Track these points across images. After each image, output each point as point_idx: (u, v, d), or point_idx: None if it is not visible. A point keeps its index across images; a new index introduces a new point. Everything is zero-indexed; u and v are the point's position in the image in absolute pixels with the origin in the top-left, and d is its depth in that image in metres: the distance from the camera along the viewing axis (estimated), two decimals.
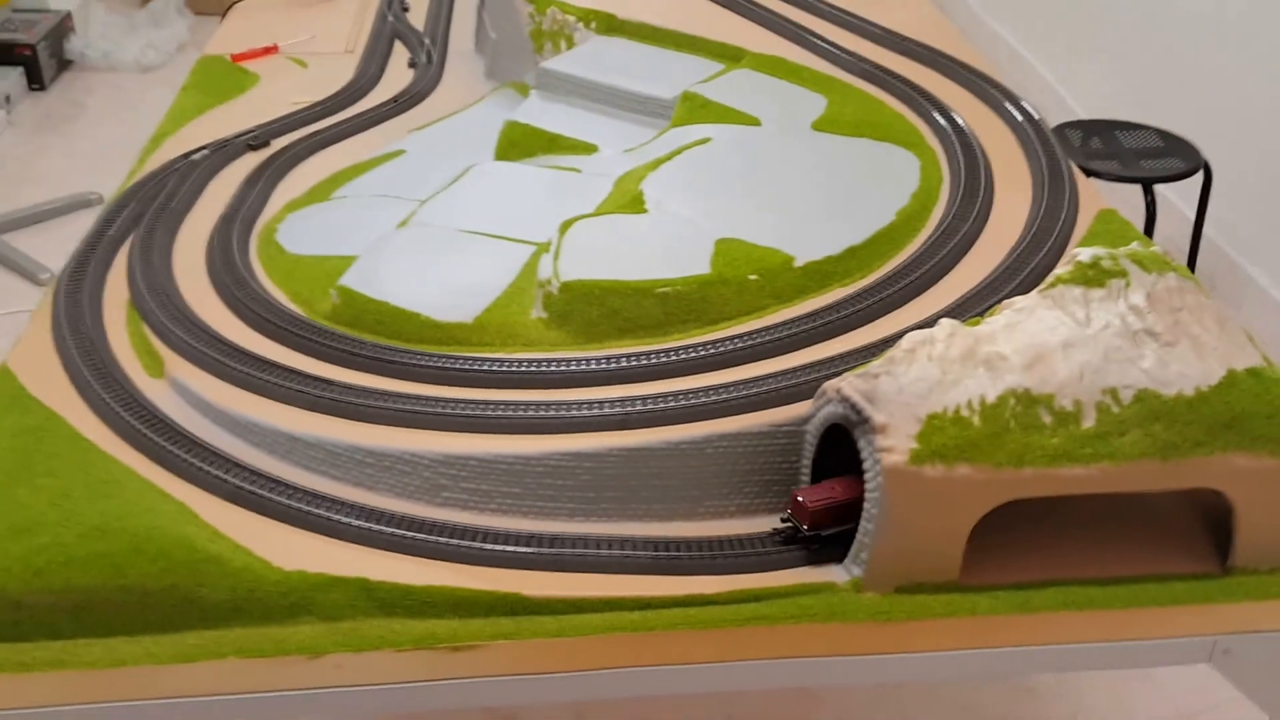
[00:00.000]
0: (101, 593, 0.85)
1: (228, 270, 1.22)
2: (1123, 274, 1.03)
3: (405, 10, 2.05)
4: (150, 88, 3.95)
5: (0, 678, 0.84)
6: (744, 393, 1.02)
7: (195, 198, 1.37)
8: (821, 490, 0.97)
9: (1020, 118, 1.56)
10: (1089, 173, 2.07)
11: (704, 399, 1.02)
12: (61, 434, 0.98)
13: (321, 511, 0.95)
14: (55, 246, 3.05)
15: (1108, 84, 3.02)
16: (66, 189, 3.29)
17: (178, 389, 1.07)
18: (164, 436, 0.99)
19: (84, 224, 3.18)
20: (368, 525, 0.94)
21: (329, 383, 1.05)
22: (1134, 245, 1.06)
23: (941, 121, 1.53)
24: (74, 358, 1.08)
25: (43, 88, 3.80)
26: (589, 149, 1.56)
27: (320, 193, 1.44)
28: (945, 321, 1.01)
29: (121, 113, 3.77)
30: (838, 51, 1.70)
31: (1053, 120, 1.99)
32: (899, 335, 1.10)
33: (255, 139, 1.52)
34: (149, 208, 1.34)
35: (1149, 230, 2.14)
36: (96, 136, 3.62)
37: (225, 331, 1.12)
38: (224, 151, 1.48)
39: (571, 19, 1.77)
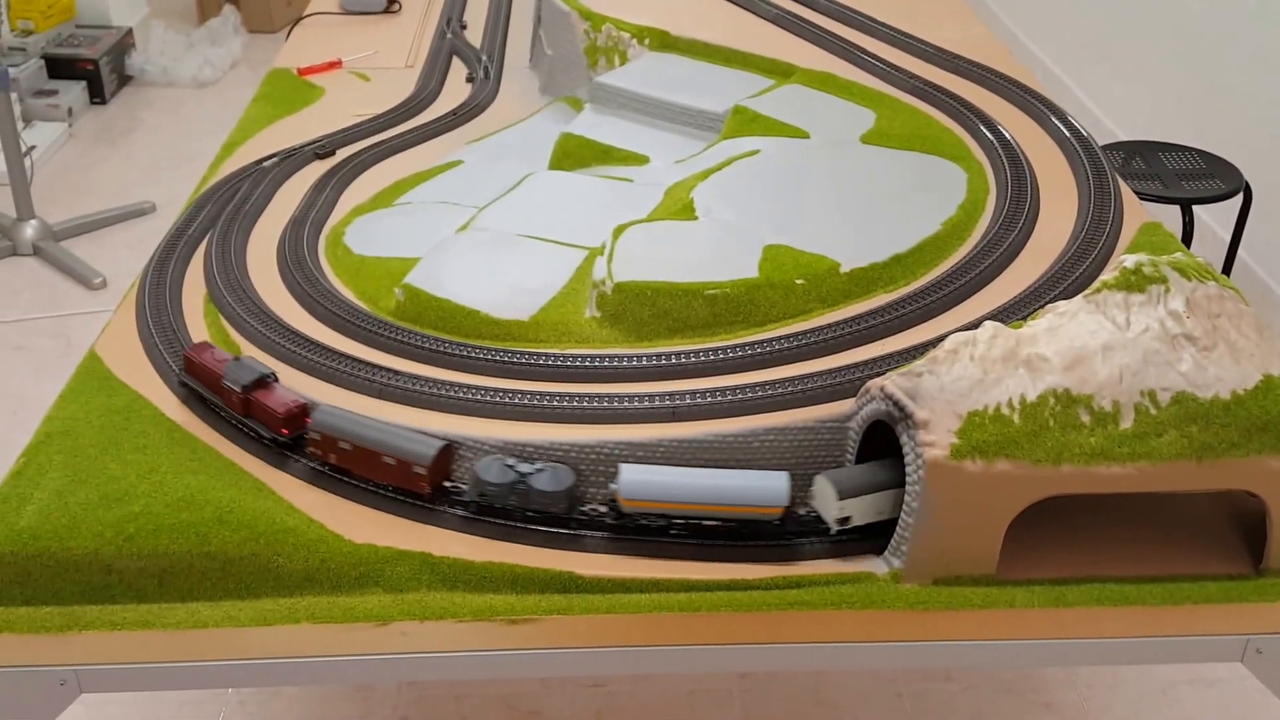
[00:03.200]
0: (186, 559, 0.94)
1: (298, 268, 1.31)
2: (1163, 280, 1.08)
3: (463, 28, 2.16)
4: (205, 102, 4.12)
5: (92, 636, 0.93)
6: (789, 389, 1.09)
7: (267, 202, 1.48)
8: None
9: (1067, 133, 1.62)
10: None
11: (751, 395, 1.09)
12: (147, 414, 1.07)
13: (388, 491, 1.03)
14: (110, 253, 3.20)
15: (1147, 106, 3.06)
16: (122, 199, 3.45)
17: None
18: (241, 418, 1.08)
19: (138, 232, 3.33)
20: (431, 504, 1.02)
21: (394, 372, 1.13)
22: (1177, 254, 1.11)
23: (989, 136, 1.59)
24: (156, 345, 1.18)
25: (103, 101, 3.98)
26: (641, 160, 1.64)
27: (384, 199, 1.53)
28: (988, 323, 1.07)
29: (177, 126, 3.94)
30: (887, 68, 1.77)
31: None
32: (941, 338, 1.17)
33: (322, 148, 1.62)
34: (224, 210, 1.44)
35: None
36: (153, 149, 3.79)
37: (296, 324, 1.22)
38: (293, 159, 1.59)
39: (626, 35, 1.86)
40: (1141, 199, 2.13)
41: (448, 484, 1.03)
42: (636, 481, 0.99)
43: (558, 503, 1.01)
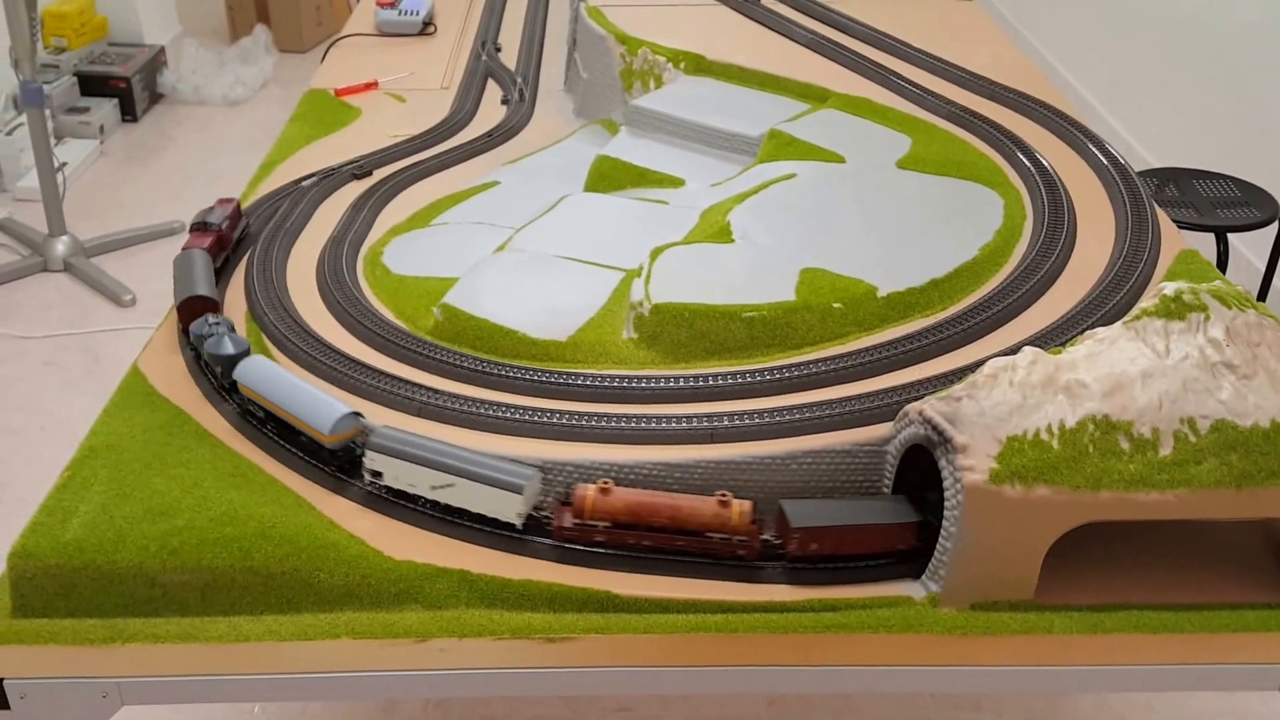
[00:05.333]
0: (229, 573, 0.97)
1: (338, 287, 1.35)
2: (1203, 308, 1.10)
3: (498, 50, 2.21)
4: (235, 121, 4.20)
5: (136, 648, 0.96)
6: (827, 413, 1.11)
7: (306, 221, 1.52)
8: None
9: (1104, 159, 1.64)
10: None
11: (788, 417, 1.11)
12: (189, 430, 1.11)
13: (427, 508, 1.05)
14: (139, 271, 3.27)
15: (1181, 132, 3.08)
16: (152, 216, 3.52)
17: None
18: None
19: (168, 251, 3.40)
20: (470, 521, 1.05)
21: (433, 391, 1.16)
22: (1216, 282, 1.13)
23: (1025, 162, 1.61)
24: (198, 362, 1.21)
25: (135, 119, 4.06)
26: (676, 183, 1.67)
27: (421, 219, 1.57)
28: (1027, 349, 1.09)
29: (208, 144, 4.02)
30: (922, 93, 1.80)
31: None
32: (979, 364, 1.19)
33: (359, 168, 1.67)
34: (264, 229, 1.48)
35: None
36: (183, 167, 3.87)
37: (336, 342, 1.25)
38: (331, 179, 1.63)
39: (662, 59, 1.90)
40: (1178, 227, 2.14)
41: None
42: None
43: None
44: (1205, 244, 2.38)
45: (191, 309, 1.27)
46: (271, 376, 1.12)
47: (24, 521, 2.54)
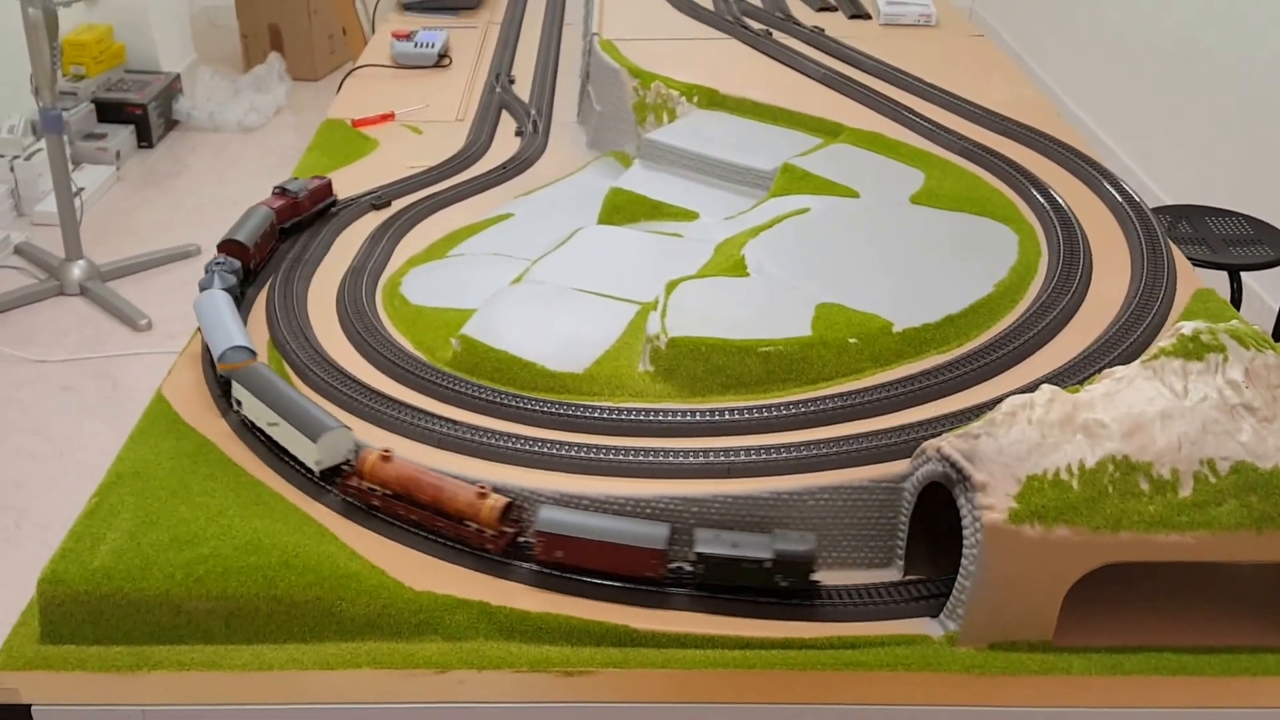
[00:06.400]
0: (253, 601, 0.96)
1: (358, 317, 1.35)
2: (1221, 349, 1.10)
3: (511, 82, 2.22)
4: (249, 148, 4.24)
5: (160, 676, 0.96)
6: (844, 449, 1.11)
7: (325, 251, 1.52)
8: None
9: (1119, 197, 1.64)
10: None
11: (806, 453, 1.10)
12: (214, 458, 1.11)
13: (448, 539, 1.05)
14: (155, 295, 3.28)
15: (1193, 170, 3.08)
16: (167, 241, 3.54)
17: None
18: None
19: (183, 274, 3.41)
20: (488, 554, 1.04)
21: (452, 422, 1.16)
22: (1233, 322, 1.13)
23: (1040, 199, 1.62)
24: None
25: (150, 145, 4.10)
26: (690, 216, 1.68)
27: (438, 250, 1.58)
28: (1045, 387, 1.09)
29: (222, 170, 4.05)
30: (935, 128, 1.81)
31: None
32: (995, 401, 1.18)
33: (378, 199, 1.67)
34: (285, 258, 1.48)
35: None
36: (198, 193, 3.89)
37: (357, 372, 1.25)
38: (349, 210, 1.64)
39: (675, 93, 1.91)
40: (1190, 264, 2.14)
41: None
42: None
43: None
44: (1218, 282, 2.38)
45: (226, 250, 1.41)
46: (208, 310, 1.27)
47: (45, 547, 2.55)
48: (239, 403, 1.16)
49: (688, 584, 1.03)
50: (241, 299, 1.40)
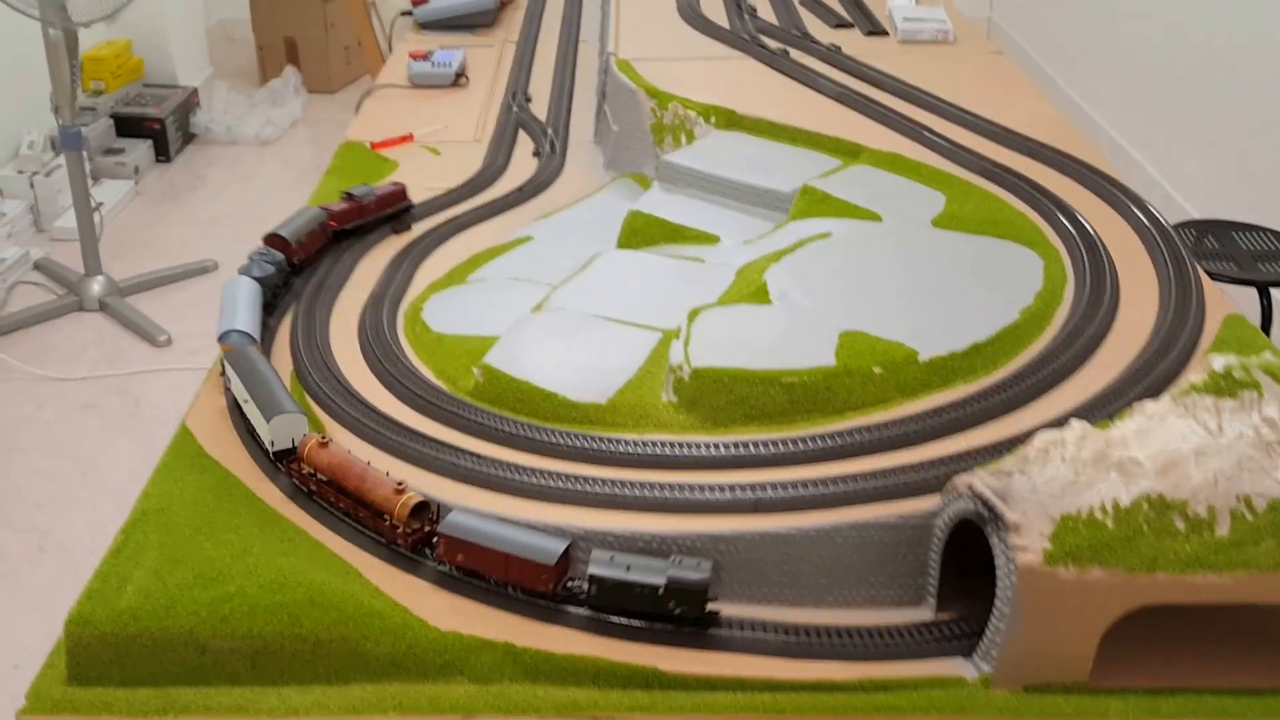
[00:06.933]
0: (279, 641, 0.94)
1: (379, 346, 1.33)
2: (1255, 385, 1.07)
3: (528, 100, 2.20)
4: (266, 161, 4.23)
5: None
6: (874, 483, 1.08)
7: (347, 276, 1.50)
8: None
9: (1144, 219, 1.61)
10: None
11: (834, 488, 1.08)
12: (238, 493, 1.09)
13: (472, 577, 1.03)
14: (173, 310, 3.27)
15: (1220, 182, 3.04)
16: (186, 255, 3.53)
17: None
18: (328, 500, 1.09)
19: (201, 289, 3.40)
20: (514, 592, 1.02)
21: (477, 456, 1.14)
22: (1266, 355, 1.10)
23: (1064, 221, 1.59)
24: (245, 423, 1.20)
25: (168, 159, 4.09)
26: (710, 239, 1.65)
27: (458, 275, 1.56)
28: (1076, 423, 1.06)
29: (239, 184, 4.04)
30: (956, 149, 1.78)
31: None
32: (1025, 434, 1.16)
33: (399, 223, 1.65)
34: (306, 285, 1.47)
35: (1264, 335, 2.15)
36: (215, 206, 3.88)
37: (379, 403, 1.23)
38: (371, 235, 1.62)
39: (692, 114, 1.89)
40: (1214, 279, 2.10)
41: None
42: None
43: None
44: (1247, 299, 2.33)
45: (269, 243, 1.48)
46: (229, 294, 1.33)
47: (69, 569, 2.53)
48: (226, 380, 1.24)
49: (583, 604, 1.02)
50: (280, 291, 1.46)
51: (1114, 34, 3.71)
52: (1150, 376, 1.25)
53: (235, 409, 1.20)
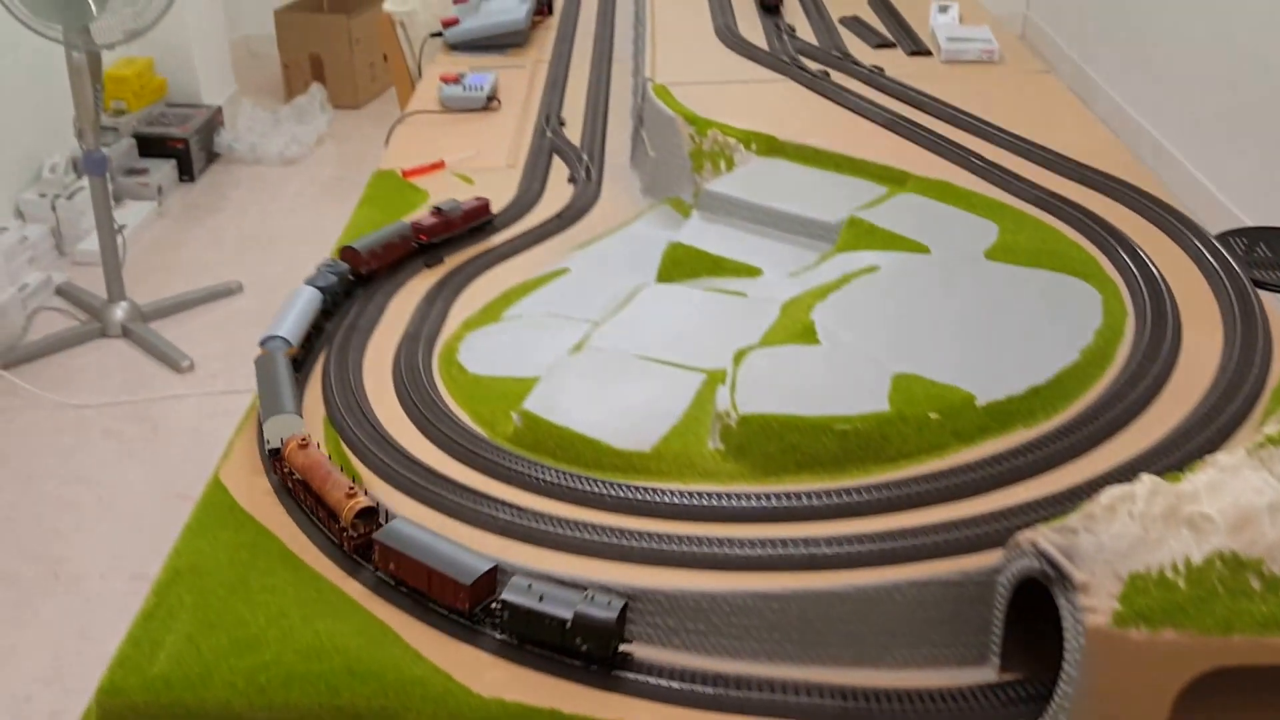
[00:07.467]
0: (316, 712, 0.94)
1: (415, 389, 1.33)
2: None
3: (562, 124, 2.21)
4: (290, 180, 4.27)
5: None
6: (935, 538, 1.07)
7: (379, 315, 1.51)
8: None
9: (1203, 248, 1.59)
10: (1257, 284, 2.06)
11: (893, 543, 1.07)
12: (273, 550, 1.09)
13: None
14: (197, 334, 3.30)
15: (1272, 187, 2.99)
16: (209, 277, 3.56)
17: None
18: (365, 557, 1.09)
19: (224, 312, 3.44)
20: (559, 655, 1.01)
21: (517, 508, 1.14)
22: None
23: (1121, 252, 1.57)
24: (279, 473, 1.20)
25: (192, 179, 4.14)
26: (753, 272, 1.65)
27: (494, 310, 1.56)
28: (1146, 477, 1.04)
29: (263, 203, 4.08)
30: (1006, 176, 1.77)
31: (1213, 227, 2.00)
32: (1089, 483, 1.14)
33: (432, 257, 1.66)
34: (340, 325, 1.47)
35: None
36: (240, 227, 3.92)
37: (415, 450, 1.23)
38: (404, 269, 1.62)
39: (733, 141, 1.89)
40: (1263, 288, 2.07)
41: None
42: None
43: None
44: None
45: (342, 255, 1.58)
46: (287, 301, 1.43)
47: (81, 598, 2.55)
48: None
49: (497, 628, 1.04)
50: (341, 300, 1.54)
51: (1156, 33, 3.67)
52: (1218, 420, 1.23)
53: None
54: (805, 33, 2.39)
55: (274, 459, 1.21)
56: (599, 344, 1.41)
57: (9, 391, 2.99)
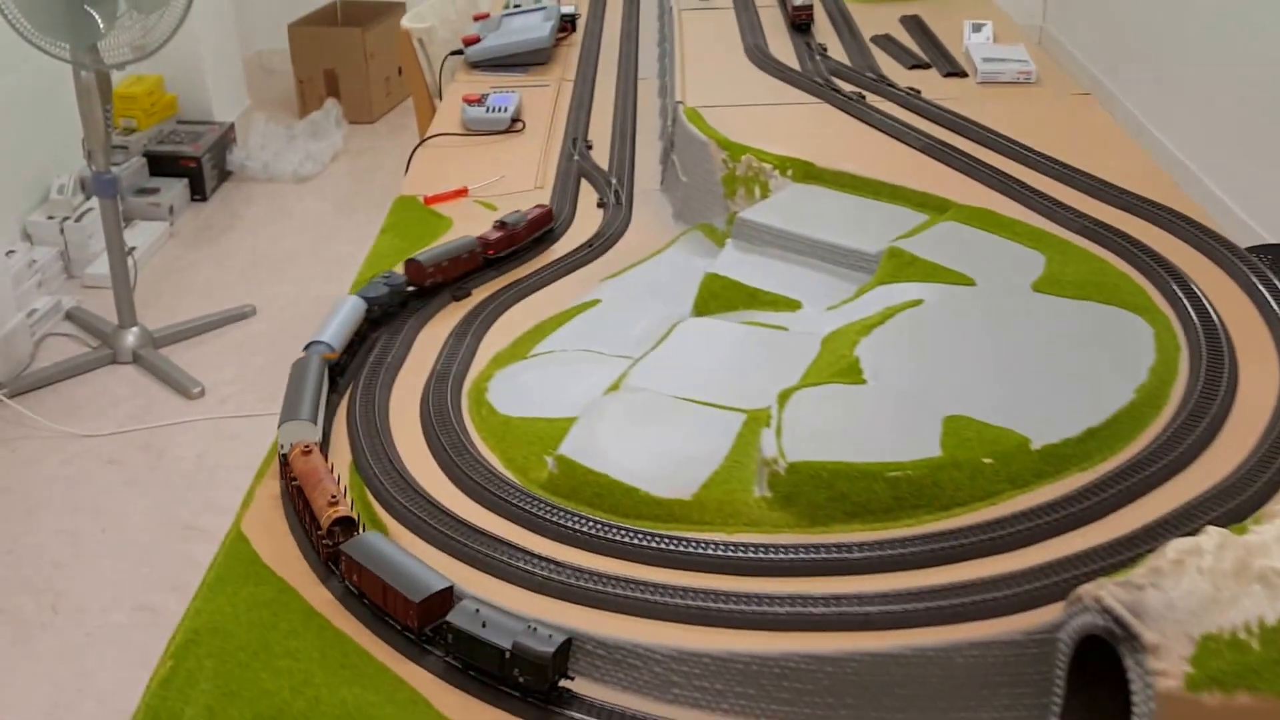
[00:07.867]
0: None
1: (444, 433, 1.32)
2: None
3: (589, 147, 2.20)
4: (304, 198, 4.27)
5: None
6: (994, 594, 1.05)
7: (406, 352, 1.50)
8: None
9: (1254, 278, 1.57)
10: None
11: (951, 599, 1.05)
12: (296, 608, 1.07)
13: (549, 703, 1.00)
14: (207, 359, 3.30)
15: None
16: (222, 300, 3.56)
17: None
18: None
19: (237, 336, 3.43)
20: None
21: (554, 563, 1.12)
22: None
23: (1171, 283, 1.55)
24: (302, 525, 1.19)
25: (204, 198, 4.15)
26: (792, 305, 1.63)
27: (524, 345, 1.54)
28: (1213, 530, 1.02)
29: (277, 222, 4.08)
30: (1051, 204, 1.75)
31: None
32: (1147, 529, 1.12)
33: (459, 289, 1.65)
34: (365, 361, 1.46)
35: None
36: (253, 248, 3.92)
37: (443, 498, 1.21)
38: (431, 303, 1.61)
39: (767, 166, 1.87)
40: None
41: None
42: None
43: None
44: None
45: (406, 267, 1.62)
46: (334, 308, 1.49)
47: (81, 631, 2.54)
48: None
49: (445, 650, 1.04)
50: (395, 309, 1.59)
51: (1173, 45, 3.65)
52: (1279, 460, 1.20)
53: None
54: (837, 52, 2.38)
55: (282, 465, 1.25)
56: (636, 383, 1.40)
57: (14, 420, 2.99)
